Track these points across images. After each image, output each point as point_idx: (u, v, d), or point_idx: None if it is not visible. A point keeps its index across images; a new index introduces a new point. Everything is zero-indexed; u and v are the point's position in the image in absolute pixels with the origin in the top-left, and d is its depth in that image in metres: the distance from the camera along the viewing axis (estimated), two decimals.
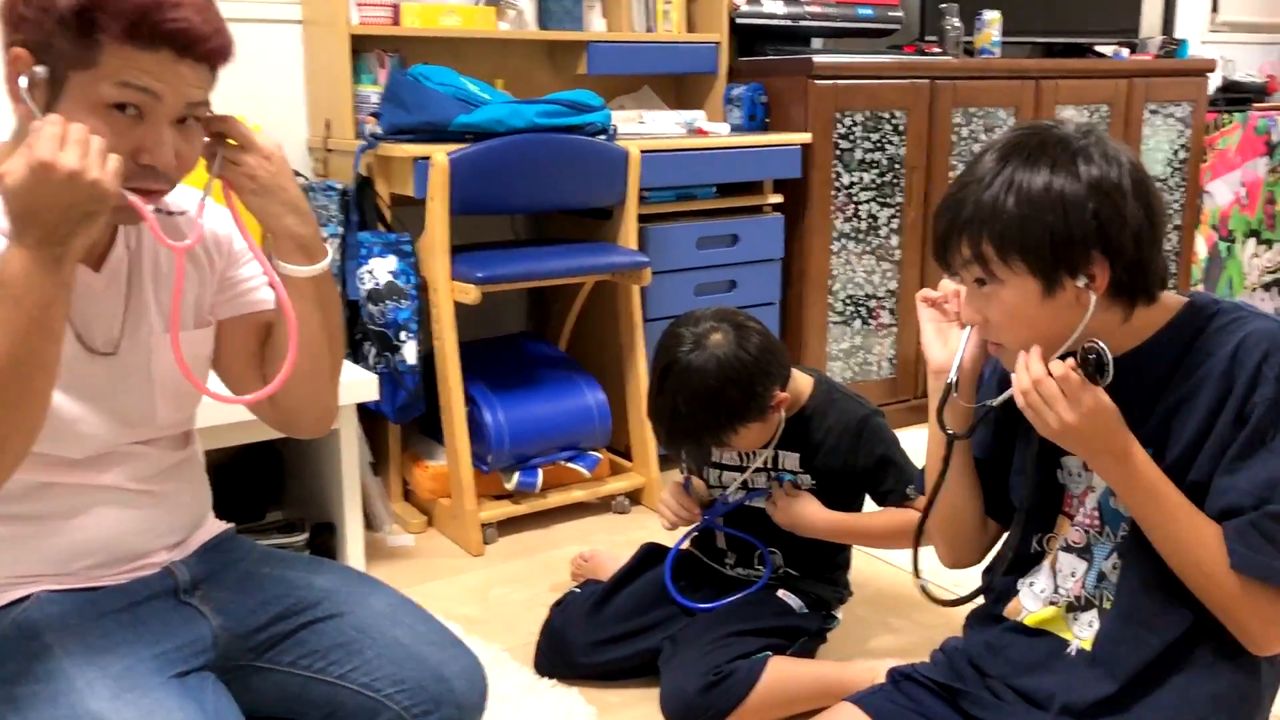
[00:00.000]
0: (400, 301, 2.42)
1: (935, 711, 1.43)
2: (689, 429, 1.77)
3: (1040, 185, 1.19)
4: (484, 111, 2.39)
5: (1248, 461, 1.19)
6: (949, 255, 1.24)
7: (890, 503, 1.88)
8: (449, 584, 2.32)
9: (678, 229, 2.77)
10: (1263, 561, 1.18)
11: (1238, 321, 1.25)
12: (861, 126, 3.02)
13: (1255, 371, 1.19)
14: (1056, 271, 1.19)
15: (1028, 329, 1.22)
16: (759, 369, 1.75)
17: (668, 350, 1.77)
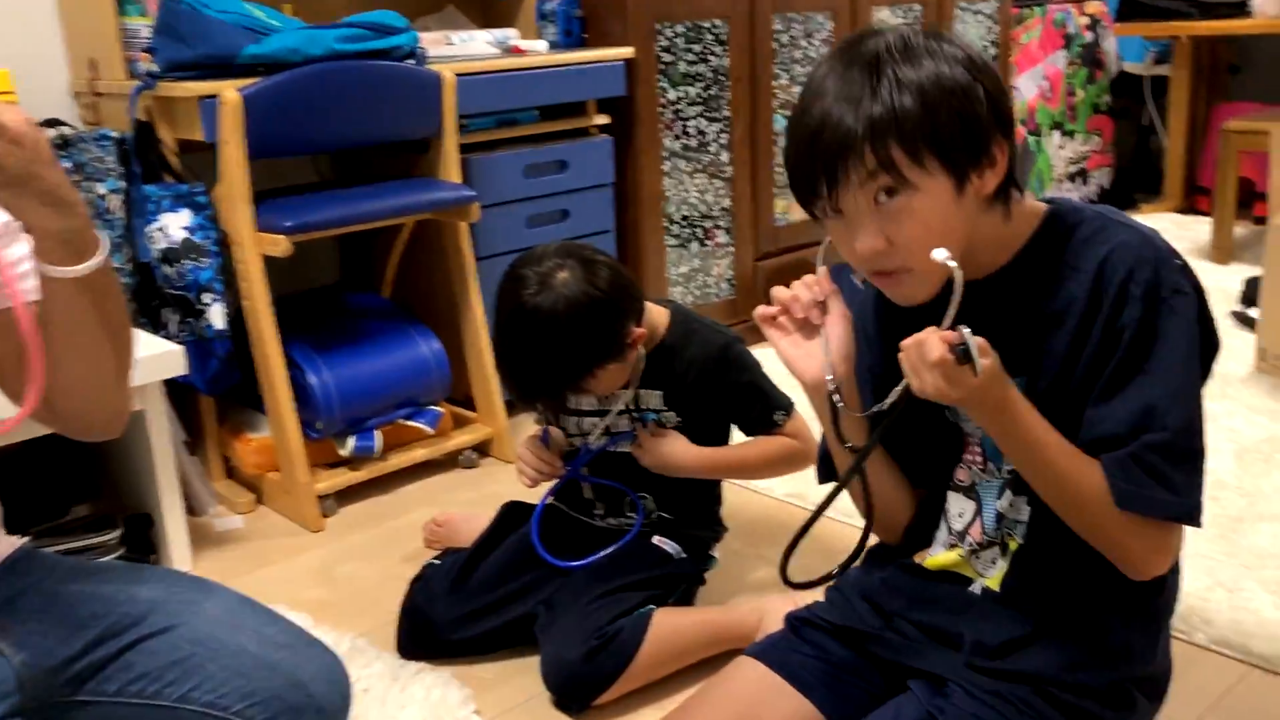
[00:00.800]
0: (200, 260, 2.16)
1: (840, 657, 1.35)
2: (542, 378, 1.63)
3: (930, 76, 1.07)
4: (276, 40, 2.13)
5: (1119, 387, 1.12)
6: (838, 179, 1.08)
7: (759, 431, 1.78)
8: (289, 566, 2.12)
9: (502, 158, 2.58)
10: (1146, 495, 1.11)
11: (1101, 233, 1.17)
12: (683, 38, 2.88)
13: (1121, 291, 1.12)
14: (968, 163, 1.09)
15: (941, 239, 1.10)
16: (612, 306, 1.61)
17: (510, 294, 1.61)
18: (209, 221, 2.17)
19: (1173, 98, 4.38)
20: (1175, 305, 1.12)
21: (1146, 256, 1.13)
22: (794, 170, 1.12)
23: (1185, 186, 4.49)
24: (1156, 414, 1.10)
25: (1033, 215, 1.21)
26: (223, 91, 2.07)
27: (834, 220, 1.13)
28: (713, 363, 1.75)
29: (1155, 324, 1.11)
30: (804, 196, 1.13)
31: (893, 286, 1.15)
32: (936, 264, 1.11)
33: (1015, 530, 1.25)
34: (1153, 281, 1.12)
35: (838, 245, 1.16)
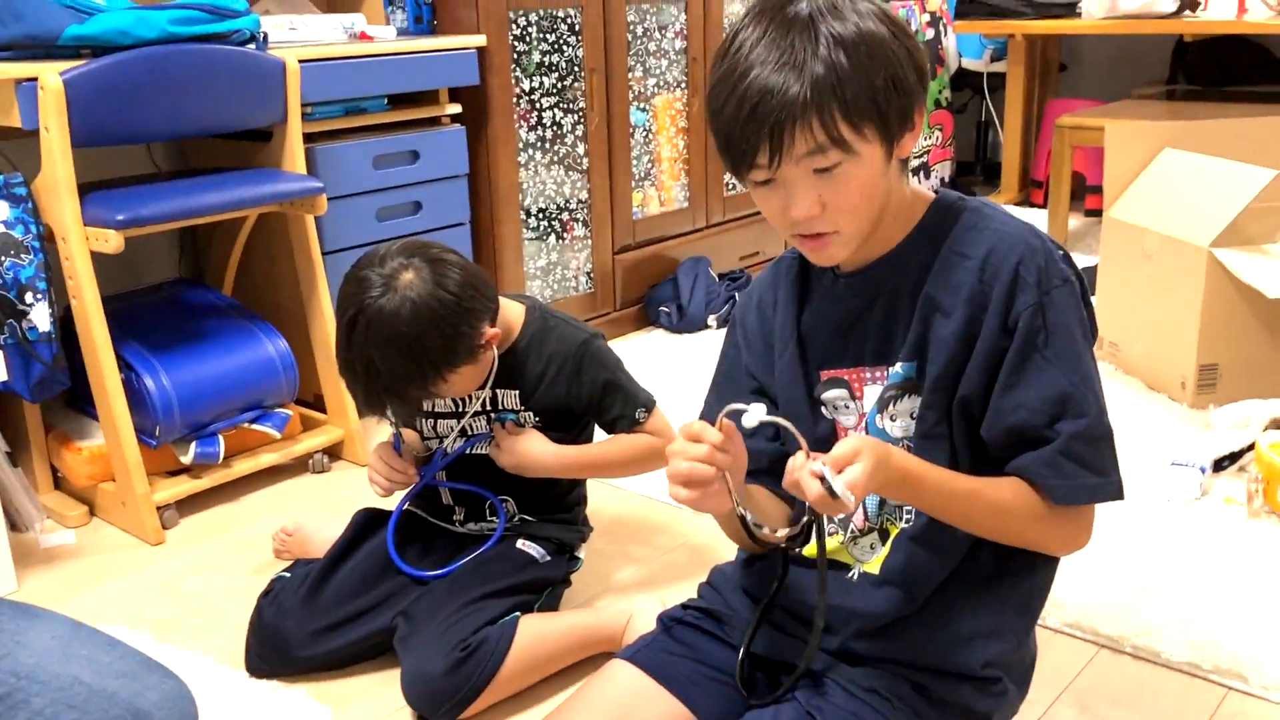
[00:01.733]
0: (20, 256, 2.00)
1: (713, 655, 1.34)
2: (389, 384, 1.54)
3: (867, 42, 1.07)
4: (102, 20, 1.98)
5: (1024, 374, 1.15)
6: (782, 149, 1.06)
7: (620, 429, 1.75)
8: (127, 583, 1.98)
9: (349, 148, 2.48)
10: (1081, 485, 1.15)
11: (985, 221, 1.20)
12: (537, 27, 2.82)
13: (1013, 279, 1.15)
14: (899, 129, 1.11)
15: (870, 204, 1.13)
16: (462, 307, 1.54)
17: (353, 297, 1.52)
18: (29, 215, 2.02)
19: (1008, 94, 4.53)
20: (1065, 292, 1.16)
21: (1034, 246, 1.17)
22: (729, 138, 1.10)
23: (1021, 179, 4.66)
24: (1071, 400, 1.14)
25: (921, 199, 1.23)
26: (43, 74, 1.92)
27: (764, 186, 1.13)
28: (571, 360, 1.71)
29: (1049, 312, 1.14)
30: (738, 164, 1.12)
31: (818, 249, 1.16)
32: (861, 227, 1.14)
33: (896, 516, 1.26)
34: (1043, 269, 1.15)
35: (764, 207, 1.16)
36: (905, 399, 1.22)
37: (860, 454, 1.06)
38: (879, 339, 1.24)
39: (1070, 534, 1.21)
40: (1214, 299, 2.42)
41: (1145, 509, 2.07)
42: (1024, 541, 1.22)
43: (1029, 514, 1.17)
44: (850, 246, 1.17)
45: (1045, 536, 1.21)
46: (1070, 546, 1.23)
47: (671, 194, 3.32)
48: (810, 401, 1.29)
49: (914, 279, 1.21)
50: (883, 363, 1.23)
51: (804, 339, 1.29)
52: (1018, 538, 1.21)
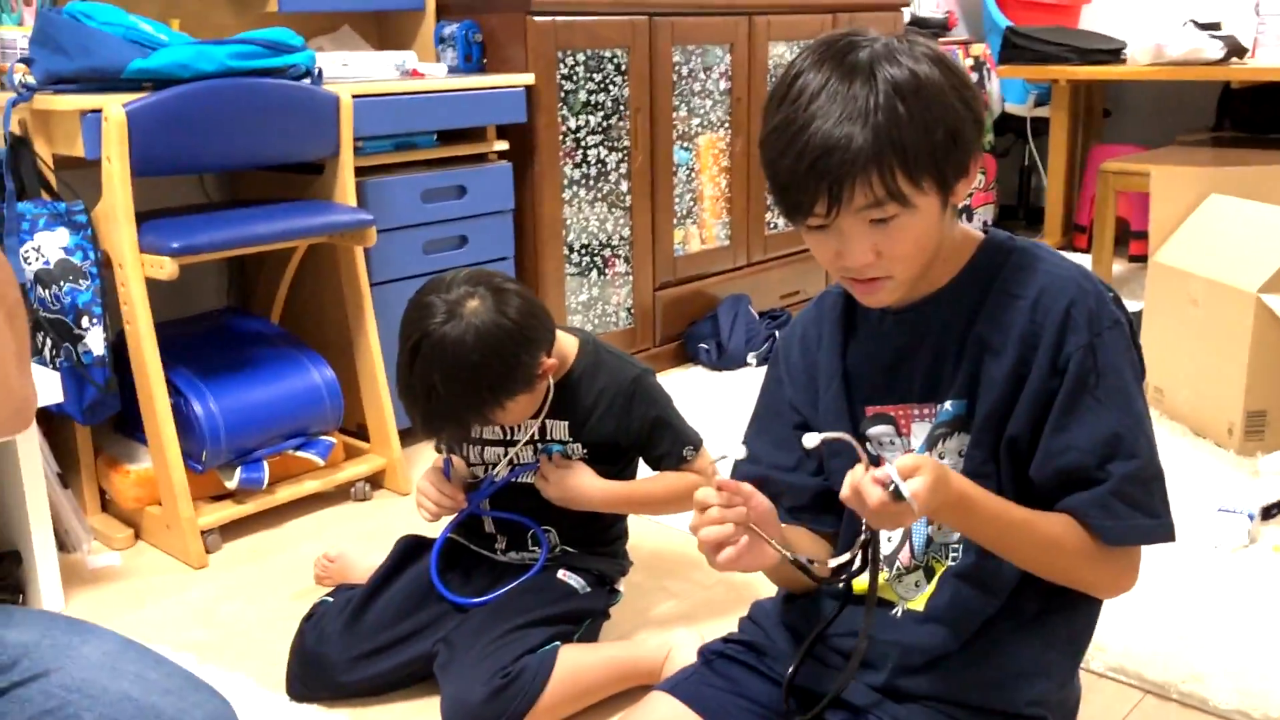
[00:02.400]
0: (78, 282, 2.05)
1: (753, 689, 1.33)
2: (449, 410, 1.57)
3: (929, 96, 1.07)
4: (164, 54, 2.04)
5: (1075, 415, 1.15)
6: (841, 201, 1.07)
7: (666, 466, 1.76)
8: (170, 605, 2.01)
9: (399, 182, 2.52)
10: (1133, 526, 1.16)
11: (1036, 261, 1.21)
12: (584, 66, 2.87)
13: (1063, 320, 1.15)
14: (956, 180, 1.12)
15: (923, 253, 1.14)
16: (523, 336, 1.57)
17: (417, 322, 1.56)
18: (88, 242, 2.07)
19: (1052, 139, 4.53)
20: (1116, 334, 1.16)
21: (1085, 288, 1.17)
22: (787, 187, 1.11)
23: (1065, 224, 4.65)
24: (1123, 442, 1.14)
25: (971, 239, 1.24)
26: (106, 106, 1.98)
27: (818, 230, 1.13)
28: (622, 395, 1.72)
29: (1099, 353, 1.15)
30: (793, 212, 1.12)
31: (869, 293, 1.17)
32: (914, 273, 1.15)
33: (942, 554, 1.26)
34: (1094, 312, 1.15)
35: (817, 250, 1.17)
36: (954, 437, 1.23)
37: (921, 468, 1.07)
38: (926, 376, 1.24)
39: (1117, 575, 1.21)
40: (1262, 345, 2.40)
41: (1192, 555, 2.04)
42: (1071, 579, 1.21)
43: (1078, 551, 1.17)
44: (901, 291, 1.18)
45: (1094, 575, 1.20)
46: (1117, 588, 1.22)
47: (713, 232, 3.34)
48: (855, 437, 1.29)
49: (964, 318, 1.21)
50: (930, 400, 1.24)
51: (849, 375, 1.30)
52: (1064, 575, 1.21)
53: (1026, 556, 1.19)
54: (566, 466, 1.71)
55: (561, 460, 1.72)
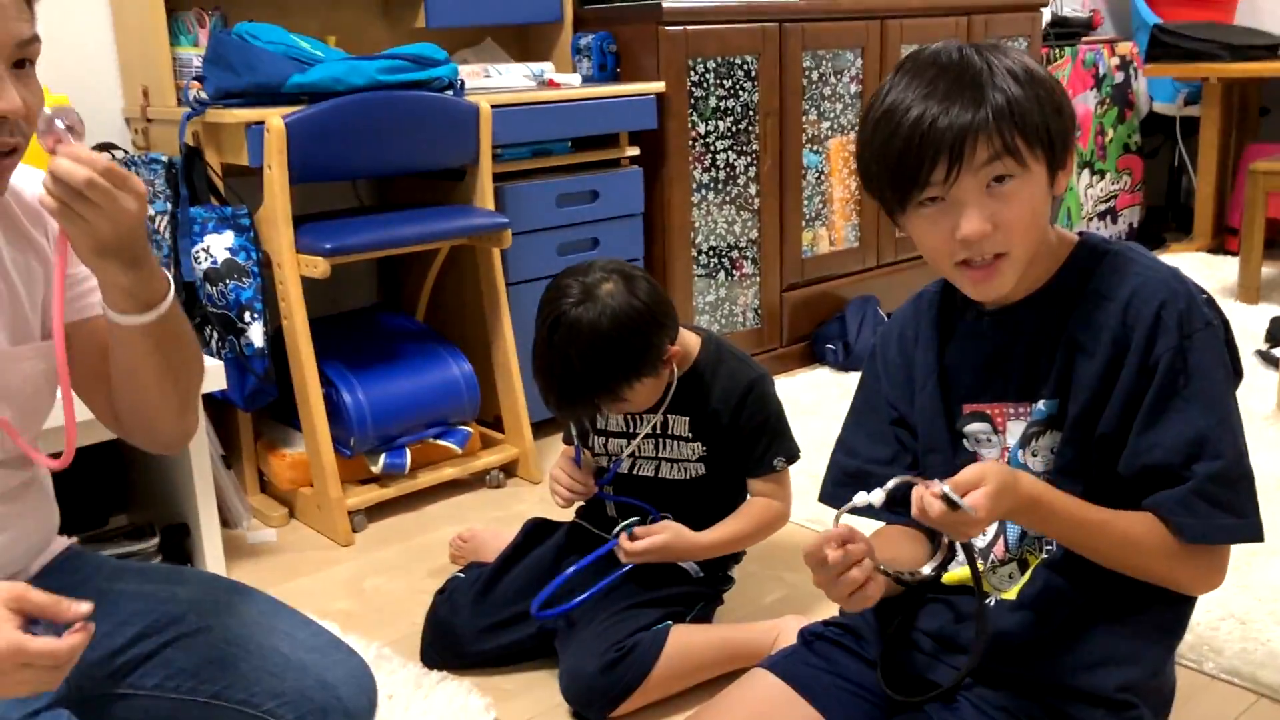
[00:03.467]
0: (242, 280, 2.24)
1: (850, 669, 1.39)
2: (583, 386, 1.66)
3: (1033, 75, 1.16)
4: (320, 70, 2.21)
5: (1165, 415, 1.18)
6: (961, 161, 1.12)
7: (755, 472, 1.82)
8: (319, 578, 2.18)
9: (535, 187, 2.65)
10: (1216, 525, 1.18)
11: (1130, 265, 1.24)
12: (714, 73, 2.95)
13: (1154, 321, 1.18)
14: (1062, 156, 1.18)
15: (1036, 228, 1.19)
16: (653, 318, 1.67)
17: (554, 303, 1.66)
18: (251, 243, 2.25)
19: (1203, 138, 4.40)
20: (1207, 336, 1.19)
21: (1177, 290, 1.20)
22: (902, 156, 1.15)
23: (1215, 226, 4.50)
24: (1208, 442, 1.17)
25: (1066, 242, 1.28)
26: (268, 118, 2.15)
27: (927, 211, 1.17)
28: (736, 396, 1.79)
29: (1189, 355, 1.17)
30: (909, 184, 1.16)
31: (985, 278, 1.20)
32: (1026, 252, 1.19)
33: (1036, 548, 1.30)
34: (1185, 314, 1.18)
35: (929, 235, 1.19)
36: (1047, 435, 1.27)
37: (984, 478, 1.11)
38: (1023, 376, 1.28)
39: (1203, 573, 1.22)
40: None
41: None
42: (1151, 576, 1.23)
43: (1158, 549, 1.19)
44: (1017, 272, 1.20)
45: (1174, 573, 1.22)
46: (1202, 586, 1.24)
47: (842, 234, 3.38)
48: (951, 434, 1.34)
49: (1058, 319, 1.25)
50: (1026, 399, 1.28)
51: (946, 373, 1.34)
52: (1144, 572, 1.23)
53: (1105, 555, 1.22)
54: (655, 533, 1.74)
55: (644, 530, 1.75)
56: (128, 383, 1.27)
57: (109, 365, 1.28)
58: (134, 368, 1.23)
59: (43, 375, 1.26)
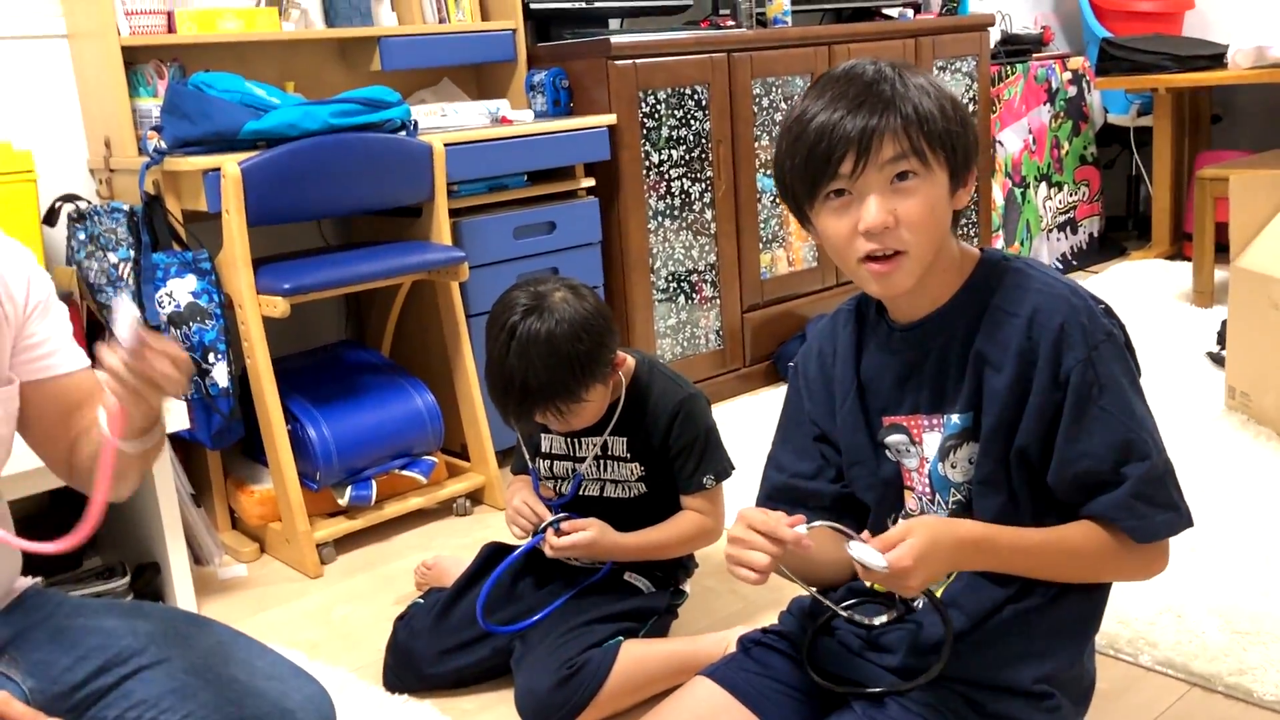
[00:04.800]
0: (205, 322, 2.30)
1: (785, 674, 1.45)
2: (542, 391, 1.69)
3: (940, 89, 1.24)
4: (274, 116, 2.29)
5: (1084, 425, 1.24)
6: (869, 154, 1.19)
7: (687, 490, 1.87)
8: (288, 610, 2.23)
9: (492, 220, 2.73)
10: (1159, 522, 1.25)
11: (1028, 280, 1.30)
12: (665, 104, 3.03)
13: (1058, 336, 1.25)
14: (963, 169, 1.25)
15: (935, 228, 1.25)
16: (603, 322, 1.74)
17: (506, 313, 1.72)
18: (213, 286, 2.32)
19: (1155, 147, 4.49)
20: (1110, 346, 1.26)
21: (1076, 305, 1.27)
22: (813, 150, 1.22)
23: (1173, 233, 4.59)
24: (1133, 445, 1.24)
25: (970, 257, 1.34)
26: (224, 165, 2.22)
27: (834, 204, 1.24)
28: (667, 416, 1.84)
29: (1098, 366, 1.24)
30: (818, 176, 1.23)
31: (887, 272, 1.25)
32: (925, 252, 1.25)
33: None
34: (1087, 328, 1.25)
35: (833, 230, 1.25)
36: (964, 447, 1.33)
37: (910, 532, 1.18)
38: (932, 390, 1.34)
39: (1147, 564, 1.30)
40: None
41: (1249, 556, 2.06)
42: (1101, 577, 1.32)
43: (1100, 554, 1.27)
44: (915, 272, 1.26)
45: (1122, 571, 1.30)
46: (1150, 573, 1.31)
47: (800, 254, 3.45)
48: (874, 445, 1.40)
49: (963, 334, 1.31)
50: (936, 411, 1.34)
51: (864, 387, 1.40)
52: (1094, 575, 1.31)
53: (1054, 571, 1.29)
54: (579, 529, 1.80)
55: (572, 524, 1.81)
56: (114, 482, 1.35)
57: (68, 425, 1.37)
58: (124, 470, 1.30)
59: (1, 419, 1.32)
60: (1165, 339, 3.44)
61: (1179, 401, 2.83)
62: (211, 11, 2.54)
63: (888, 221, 1.22)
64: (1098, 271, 4.51)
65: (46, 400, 1.37)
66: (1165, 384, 2.96)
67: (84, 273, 2.37)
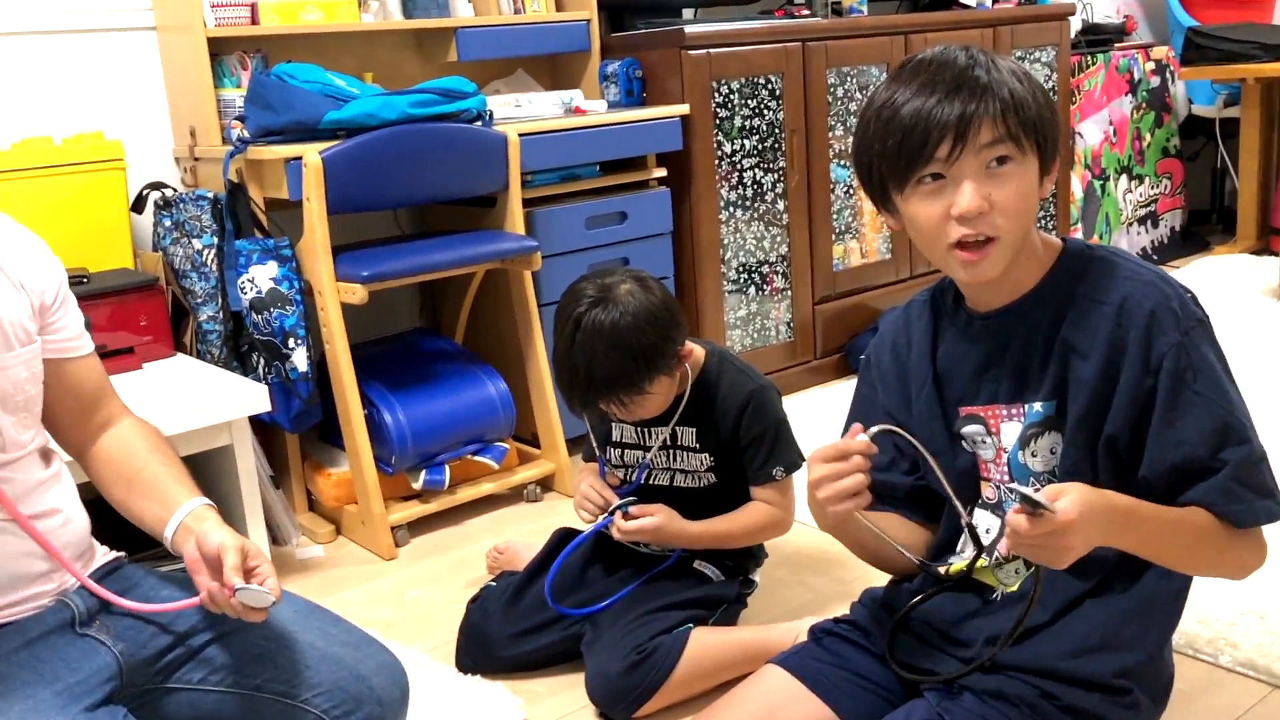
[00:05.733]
0: (285, 308, 2.35)
1: (858, 663, 1.45)
2: (607, 382, 1.71)
3: (1025, 74, 1.23)
4: (354, 106, 2.33)
5: (1180, 411, 1.22)
6: (965, 139, 1.18)
7: (756, 480, 1.87)
8: (363, 591, 2.27)
9: (564, 210, 2.74)
10: (1260, 507, 1.23)
11: (1116, 268, 1.29)
12: (738, 94, 3.02)
13: (1149, 322, 1.23)
14: (1052, 156, 1.25)
15: (1026, 215, 1.24)
16: (669, 315, 1.75)
17: (572, 304, 1.73)
18: (293, 273, 2.37)
19: (1243, 139, 4.38)
20: (1201, 332, 1.24)
21: (1167, 292, 1.25)
22: (908, 133, 1.20)
23: (1260, 228, 4.47)
24: (1231, 430, 1.22)
25: (1051, 247, 1.33)
26: (306, 154, 2.27)
27: (927, 187, 1.22)
28: (737, 408, 1.84)
29: (1191, 351, 1.22)
30: (914, 159, 1.21)
31: (977, 259, 1.23)
32: (1016, 239, 1.23)
33: None
34: (1177, 314, 1.23)
35: (924, 215, 1.23)
36: (1045, 435, 1.31)
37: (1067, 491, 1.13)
38: (1013, 379, 1.33)
39: (1252, 554, 1.28)
40: None
41: None
42: (1216, 567, 1.28)
43: (1218, 538, 1.24)
44: (1005, 259, 1.24)
45: (1234, 560, 1.27)
46: (1249, 567, 1.29)
47: (873, 246, 3.42)
48: (950, 436, 1.39)
49: (1048, 323, 1.29)
50: (1016, 400, 1.32)
51: (940, 377, 1.39)
52: (1210, 562, 1.27)
53: (1182, 555, 1.26)
54: (647, 514, 1.81)
55: (640, 509, 1.81)
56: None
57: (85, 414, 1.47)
58: None
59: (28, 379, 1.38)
60: (1250, 335, 3.36)
61: (1264, 399, 2.75)
62: (293, 3, 2.59)
63: (982, 207, 1.21)
64: (1179, 266, 4.41)
65: (66, 384, 1.44)
66: (1249, 382, 2.87)
67: (169, 258, 2.44)
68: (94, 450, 1.50)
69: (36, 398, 1.41)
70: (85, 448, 1.50)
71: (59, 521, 1.39)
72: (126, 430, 1.52)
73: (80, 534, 1.44)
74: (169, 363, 2.35)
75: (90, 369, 1.49)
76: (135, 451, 1.49)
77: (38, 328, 1.39)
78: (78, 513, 1.45)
